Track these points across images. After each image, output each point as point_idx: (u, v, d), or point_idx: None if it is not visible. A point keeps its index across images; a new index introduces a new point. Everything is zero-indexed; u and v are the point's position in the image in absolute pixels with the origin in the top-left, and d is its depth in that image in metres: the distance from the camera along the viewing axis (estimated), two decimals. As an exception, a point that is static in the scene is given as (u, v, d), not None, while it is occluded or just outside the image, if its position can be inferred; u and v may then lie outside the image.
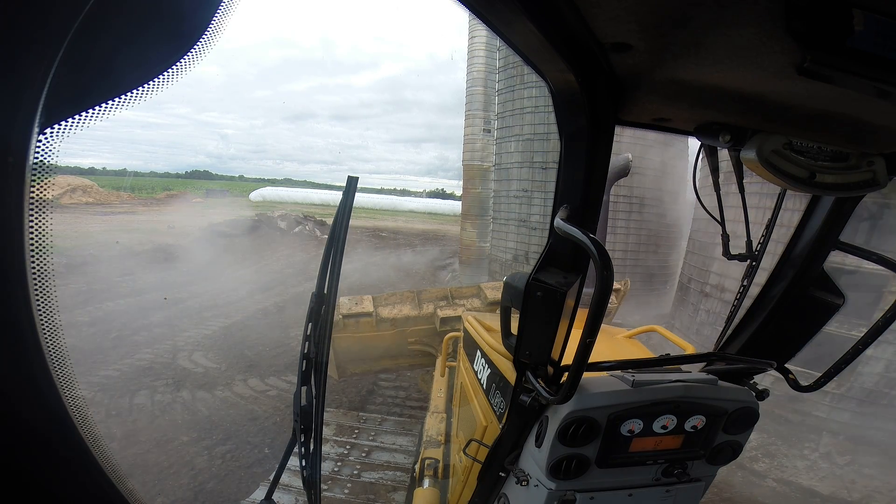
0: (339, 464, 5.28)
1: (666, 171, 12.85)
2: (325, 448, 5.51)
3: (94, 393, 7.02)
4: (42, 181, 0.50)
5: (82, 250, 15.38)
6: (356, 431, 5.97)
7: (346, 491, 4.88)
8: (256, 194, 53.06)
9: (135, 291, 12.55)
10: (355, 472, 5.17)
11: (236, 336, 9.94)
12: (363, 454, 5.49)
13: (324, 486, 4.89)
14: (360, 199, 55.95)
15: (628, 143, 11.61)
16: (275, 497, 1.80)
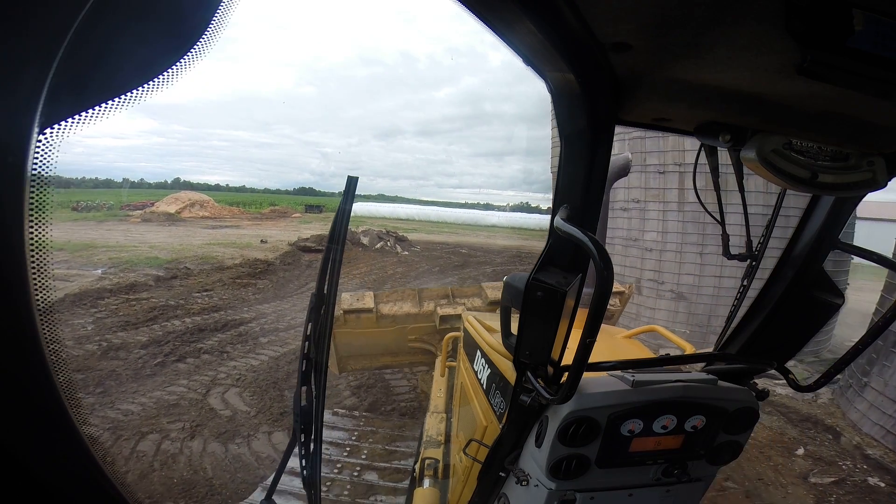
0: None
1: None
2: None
3: (102, 432, 6.13)
4: (41, 182, 0.50)
5: (179, 263, 15.56)
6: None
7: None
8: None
9: (205, 309, 11.95)
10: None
11: (283, 370, 8.69)
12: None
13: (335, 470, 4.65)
14: (443, 213, 53.72)
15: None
16: (275, 497, 1.80)
